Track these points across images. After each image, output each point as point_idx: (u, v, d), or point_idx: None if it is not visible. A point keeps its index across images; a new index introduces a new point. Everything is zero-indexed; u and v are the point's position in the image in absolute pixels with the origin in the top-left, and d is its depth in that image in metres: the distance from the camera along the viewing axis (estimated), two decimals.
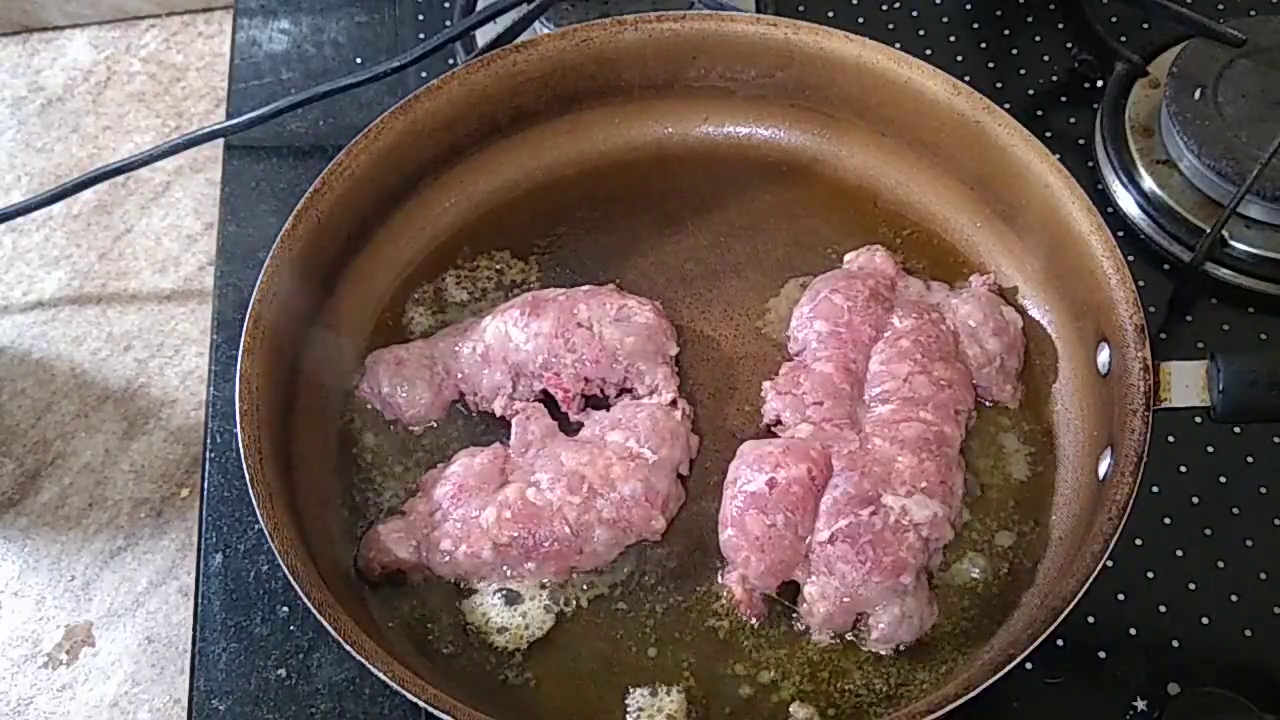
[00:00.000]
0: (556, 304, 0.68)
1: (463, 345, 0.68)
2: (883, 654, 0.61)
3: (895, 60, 0.72)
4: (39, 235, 0.84)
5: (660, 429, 0.65)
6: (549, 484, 0.63)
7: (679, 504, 0.66)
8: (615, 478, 0.63)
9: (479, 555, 0.62)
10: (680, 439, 0.66)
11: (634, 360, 0.67)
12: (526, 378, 0.67)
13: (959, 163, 0.73)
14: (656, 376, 0.67)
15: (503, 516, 0.62)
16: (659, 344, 0.68)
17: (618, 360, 0.67)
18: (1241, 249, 0.74)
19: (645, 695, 0.61)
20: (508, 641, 0.62)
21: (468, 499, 0.63)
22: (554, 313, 0.67)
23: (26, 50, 0.94)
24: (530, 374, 0.67)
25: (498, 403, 0.67)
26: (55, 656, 0.69)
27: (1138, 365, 0.60)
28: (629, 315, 0.67)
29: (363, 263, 0.72)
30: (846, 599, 0.60)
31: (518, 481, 0.64)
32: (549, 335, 0.67)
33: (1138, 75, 0.81)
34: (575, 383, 0.67)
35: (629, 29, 0.74)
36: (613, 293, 0.69)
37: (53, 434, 0.76)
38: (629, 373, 0.67)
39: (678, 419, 0.66)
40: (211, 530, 0.67)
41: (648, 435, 0.65)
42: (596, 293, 0.69)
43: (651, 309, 0.68)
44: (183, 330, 0.80)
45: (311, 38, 0.88)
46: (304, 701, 0.63)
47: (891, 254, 0.72)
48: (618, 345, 0.67)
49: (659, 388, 0.67)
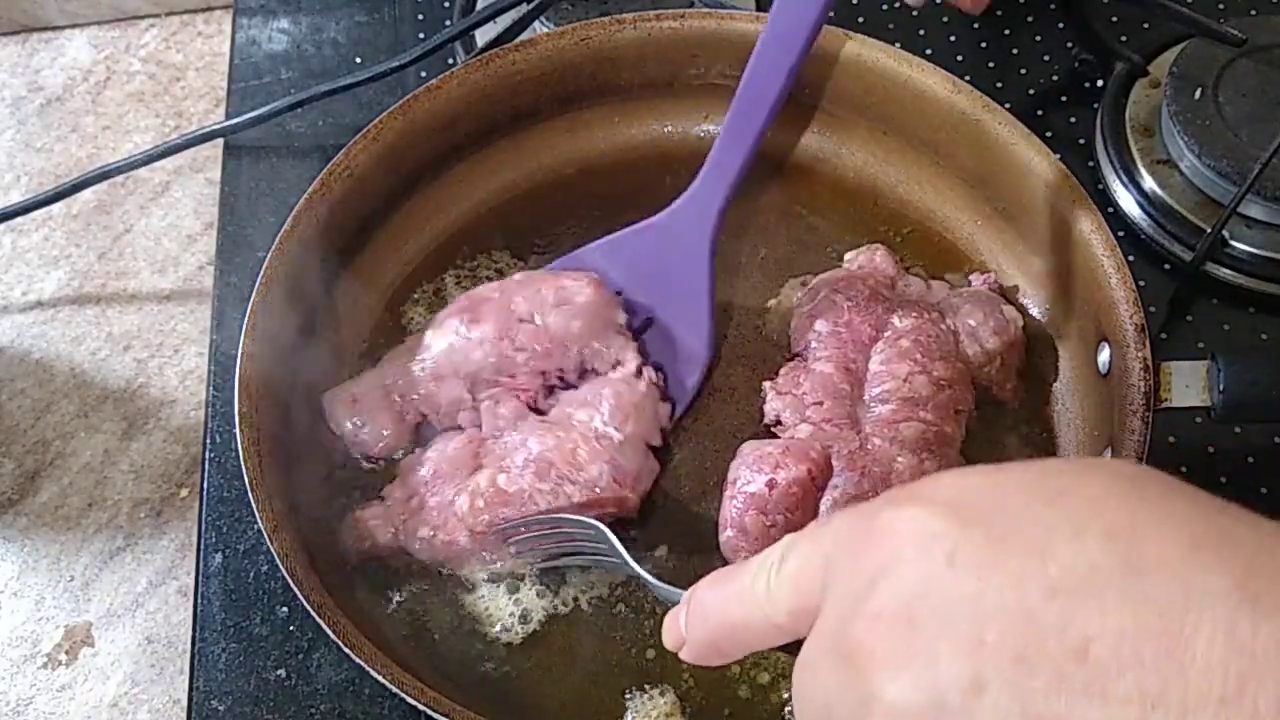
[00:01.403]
0: (492, 304, 0.66)
1: (413, 366, 0.66)
2: None
3: (895, 59, 0.72)
4: (38, 235, 0.84)
5: (624, 405, 0.64)
6: (519, 470, 0.63)
7: (652, 477, 0.65)
8: (583, 460, 0.63)
9: (456, 542, 0.62)
10: (646, 412, 0.65)
11: (586, 342, 0.66)
12: (482, 384, 0.66)
13: (959, 162, 0.73)
14: (614, 349, 0.66)
15: (475, 505, 0.62)
16: (606, 318, 0.66)
17: (569, 347, 0.66)
18: (1242, 249, 0.74)
19: (644, 696, 0.61)
20: (508, 643, 0.62)
21: (442, 485, 0.63)
22: (492, 314, 0.66)
23: (26, 50, 0.94)
24: (485, 381, 0.66)
25: (462, 416, 0.66)
26: (54, 657, 0.69)
27: (1138, 365, 0.60)
28: (569, 298, 0.66)
29: (362, 263, 0.72)
30: None
31: (490, 467, 0.63)
32: (493, 339, 0.65)
33: (1138, 75, 0.81)
34: (533, 379, 0.66)
35: (628, 28, 0.74)
36: (546, 276, 0.68)
37: (52, 434, 0.76)
38: (584, 355, 0.66)
39: (642, 390, 0.65)
40: (211, 530, 0.67)
41: (612, 413, 0.64)
42: (530, 280, 0.67)
43: (589, 283, 0.67)
44: (182, 330, 0.80)
45: (311, 37, 0.88)
46: (303, 702, 0.63)
47: (891, 253, 0.72)
48: (565, 332, 0.66)
49: (621, 360, 0.66)
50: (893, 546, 0.33)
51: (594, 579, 0.64)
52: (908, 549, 0.33)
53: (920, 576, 0.32)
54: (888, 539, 0.34)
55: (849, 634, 0.33)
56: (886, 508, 0.35)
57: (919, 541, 0.33)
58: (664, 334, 0.69)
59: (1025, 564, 0.31)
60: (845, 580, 0.35)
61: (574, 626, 0.63)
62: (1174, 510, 0.31)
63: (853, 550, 0.35)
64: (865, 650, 0.33)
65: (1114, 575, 0.30)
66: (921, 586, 0.32)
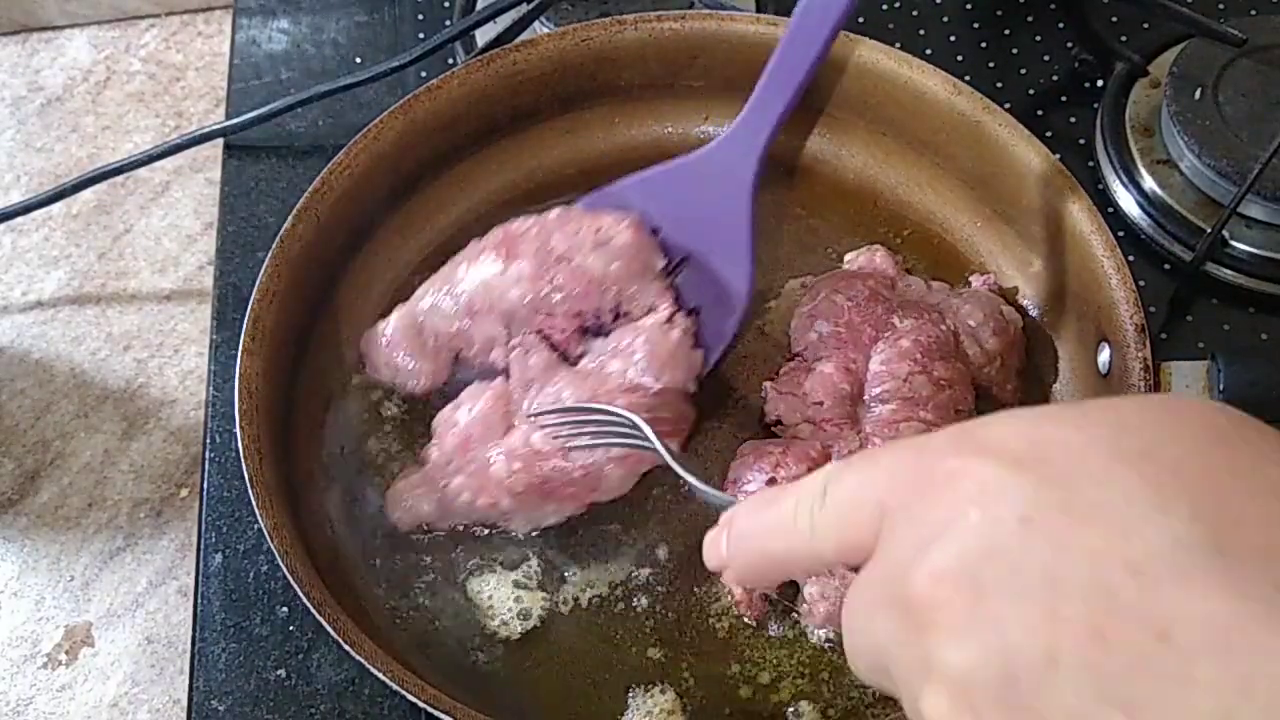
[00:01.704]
0: (530, 240, 0.65)
1: (445, 301, 0.65)
2: None
3: (895, 60, 0.72)
4: (38, 235, 0.84)
5: (660, 354, 0.62)
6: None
7: (689, 423, 0.64)
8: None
9: (498, 505, 0.62)
10: (681, 360, 0.63)
11: (623, 285, 0.65)
12: (518, 323, 0.64)
13: (959, 162, 0.73)
14: (650, 295, 0.65)
15: (513, 467, 0.61)
16: (645, 261, 0.65)
17: (607, 289, 0.64)
18: (1242, 249, 0.74)
19: (644, 695, 0.61)
20: (508, 641, 0.62)
21: (476, 448, 0.62)
22: (530, 251, 0.64)
23: (26, 50, 0.94)
24: (521, 319, 0.64)
25: (495, 354, 0.65)
26: (54, 657, 0.69)
27: (1138, 365, 0.60)
28: (608, 238, 0.64)
29: (363, 262, 0.72)
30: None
31: (523, 426, 0.62)
32: (531, 277, 0.64)
33: (1138, 75, 0.81)
34: (569, 320, 0.64)
35: (629, 28, 0.74)
36: (585, 215, 0.66)
37: (52, 434, 0.76)
38: (621, 298, 0.65)
39: (675, 338, 0.63)
40: (211, 530, 0.67)
41: (648, 363, 0.62)
42: (568, 218, 0.66)
43: (629, 224, 0.65)
44: (182, 330, 0.80)
45: (311, 37, 0.88)
46: (303, 702, 0.63)
47: (891, 254, 0.72)
48: (603, 274, 0.64)
49: (654, 305, 0.65)
50: (958, 500, 0.31)
51: (594, 578, 0.64)
52: (976, 506, 0.31)
53: (990, 537, 0.30)
54: (953, 490, 0.32)
55: (909, 587, 0.31)
56: (951, 454, 0.32)
57: (989, 499, 0.31)
58: (701, 275, 0.67)
59: (1106, 536, 0.29)
60: (903, 528, 0.33)
61: (574, 625, 0.63)
62: (1268, 480, 0.29)
63: (912, 497, 0.33)
64: (927, 609, 0.31)
65: (1201, 556, 0.28)
66: (991, 548, 0.30)
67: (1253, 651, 0.27)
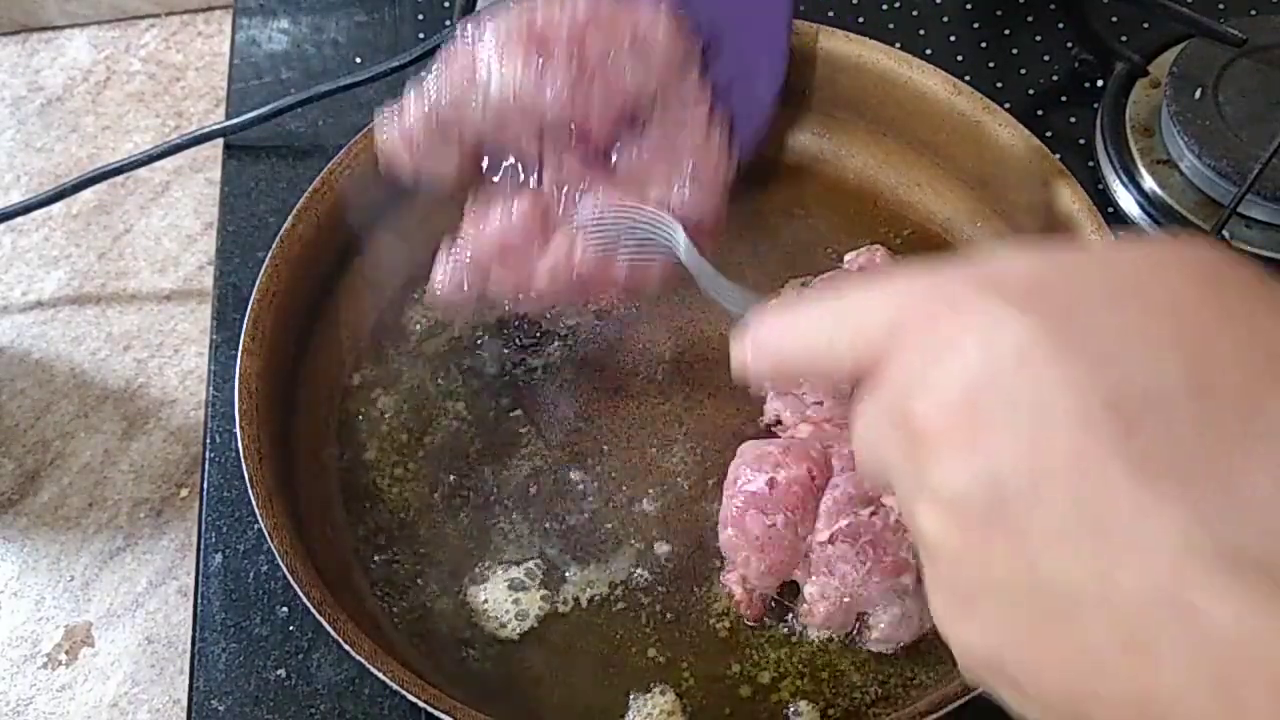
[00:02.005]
0: (561, 41, 0.61)
1: (469, 97, 0.61)
2: (883, 654, 0.61)
3: (895, 60, 0.72)
4: (38, 235, 0.84)
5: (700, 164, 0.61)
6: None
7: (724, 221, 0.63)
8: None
9: (542, 299, 0.62)
10: (720, 164, 0.62)
11: (661, 84, 0.62)
12: (551, 124, 0.61)
13: (959, 163, 0.73)
14: (688, 88, 0.63)
15: (556, 277, 0.60)
16: (683, 54, 0.62)
17: (646, 88, 0.62)
18: (1243, 249, 0.74)
19: (644, 695, 0.61)
20: (508, 641, 0.62)
21: (517, 259, 0.61)
22: (564, 55, 0.61)
23: (26, 50, 0.94)
24: (554, 121, 0.61)
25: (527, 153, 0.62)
26: (54, 657, 0.69)
27: None
28: (646, 34, 0.61)
29: (362, 262, 0.72)
30: (847, 599, 0.60)
31: (563, 233, 0.61)
32: (565, 82, 0.60)
33: (1138, 75, 0.81)
34: (604, 124, 0.62)
35: None
36: (619, 8, 0.62)
37: (52, 434, 0.76)
38: (658, 94, 0.62)
39: (716, 144, 0.62)
40: (211, 530, 0.67)
41: (690, 173, 0.61)
42: (599, 10, 0.61)
43: (666, 19, 0.62)
44: (182, 330, 0.80)
45: (311, 37, 0.88)
46: (303, 702, 0.63)
47: (891, 254, 0.72)
48: (643, 74, 0.61)
49: (690, 100, 0.62)
50: (963, 329, 0.33)
51: (594, 578, 0.64)
52: (977, 338, 0.32)
53: (987, 369, 0.32)
54: (958, 321, 0.33)
55: (911, 406, 0.33)
56: (960, 284, 0.34)
57: (990, 332, 0.32)
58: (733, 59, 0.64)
59: (1092, 370, 0.30)
60: (911, 351, 0.35)
61: (574, 625, 0.63)
62: (1254, 325, 0.31)
63: (923, 321, 0.35)
64: (925, 433, 0.33)
65: (1180, 394, 0.30)
66: (988, 377, 0.32)
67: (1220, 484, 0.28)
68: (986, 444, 0.32)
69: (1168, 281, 0.32)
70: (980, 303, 0.33)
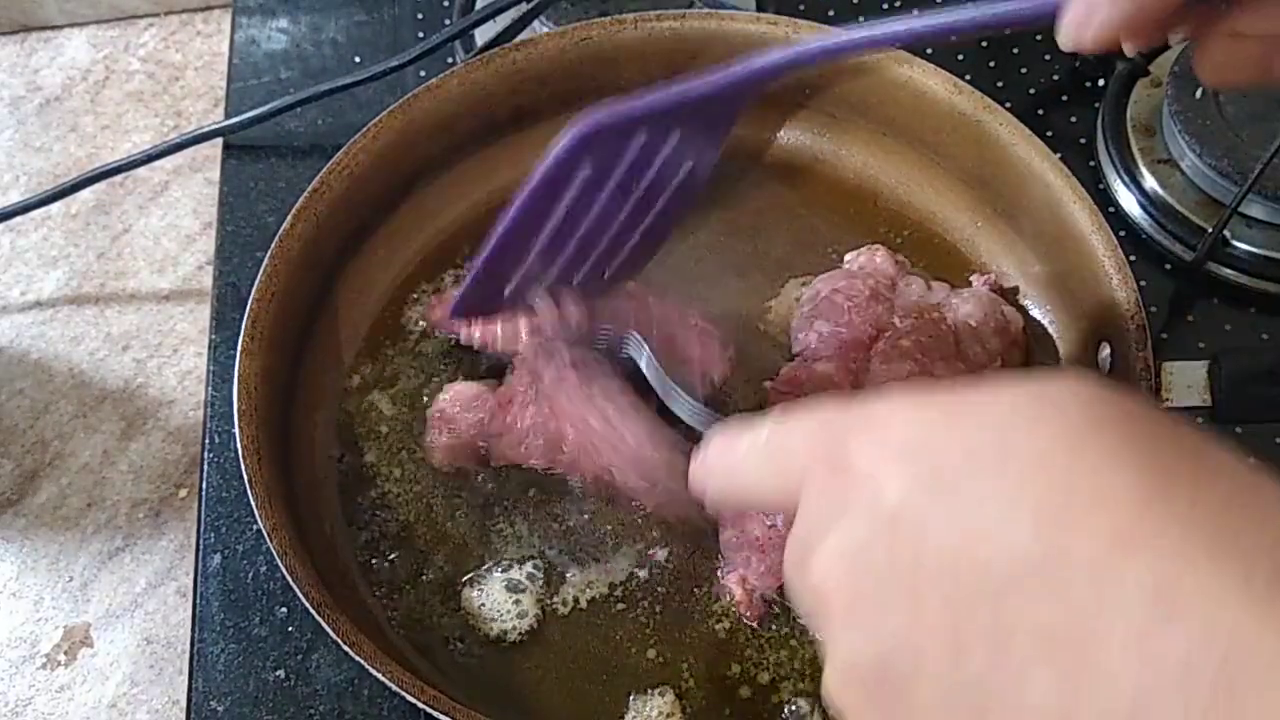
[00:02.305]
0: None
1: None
2: None
3: (895, 59, 0.72)
4: (37, 235, 0.84)
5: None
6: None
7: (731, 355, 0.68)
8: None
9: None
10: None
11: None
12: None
13: (960, 162, 0.73)
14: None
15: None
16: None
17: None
18: (1243, 248, 0.74)
19: (644, 696, 0.61)
20: (508, 642, 0.62)
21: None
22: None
23: (24, 49, 0.94)
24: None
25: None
26: (53, 657, 0.69)
27: (1139, 365, 0.60)
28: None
29: (362, 262, 0.72)
30: None
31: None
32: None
33: (1139, 74, 0.81)
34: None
35: (629, 28, 0.74)
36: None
37: (51, 434, 0.76)
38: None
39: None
40: (210, 531, 0.67)
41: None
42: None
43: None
44: (181, 330, 0.80)
45: (310, 37, 0.88)
46: (303, 703, 0.62)
47: (892, 254, 0.72)
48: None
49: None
50: (849, 488, 0.34)
51: (594, 578, 0.64)
52: (860, 497, 0.33)
53: (866, 530, 0.33)
54: (846, 474, 0.34)
55: (810, 562, 0.35)
56: (852, 434, 0.35)
57: (870, 491, 0.33)
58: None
59: (962, 539, 0.31)
60: (813, 499, 0.36)
61: (574, 626, 0.63)
62: (1114, 483, 0.30)
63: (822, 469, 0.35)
64: (820, 595, 0.34)
65: (1039, 564, 0.29)
66: (866, 542, 0.33)
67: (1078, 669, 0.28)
68: (868, 616, 0.33)
69: (1038, 437, 0.31)
70: (866, 462, 0.34)
